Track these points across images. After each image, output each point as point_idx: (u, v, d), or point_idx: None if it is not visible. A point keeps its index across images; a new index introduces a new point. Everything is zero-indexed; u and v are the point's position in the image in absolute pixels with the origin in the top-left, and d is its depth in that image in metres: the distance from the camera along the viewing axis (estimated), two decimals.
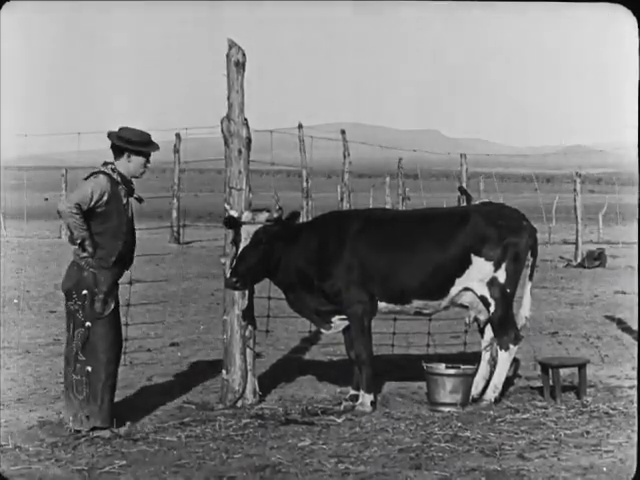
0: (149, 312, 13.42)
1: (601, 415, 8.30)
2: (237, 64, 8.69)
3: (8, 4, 7.95)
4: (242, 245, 8.44)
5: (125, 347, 8.29)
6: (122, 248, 7.83)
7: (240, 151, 8.75)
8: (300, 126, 25.11)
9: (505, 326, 8.79)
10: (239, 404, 8.72)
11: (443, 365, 8.79)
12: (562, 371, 9.04)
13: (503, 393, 8.89)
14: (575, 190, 24.79)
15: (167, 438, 7.68)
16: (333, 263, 8.61)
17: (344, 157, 24.96)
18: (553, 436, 7.66)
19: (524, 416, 8.24)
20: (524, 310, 9.02)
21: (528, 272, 9.00)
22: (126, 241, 7.87)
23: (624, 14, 7.52)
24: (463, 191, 14.36)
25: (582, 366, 9.03)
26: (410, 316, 9.07)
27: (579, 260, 22.64)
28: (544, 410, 8.44)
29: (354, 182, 27.11)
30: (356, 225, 8.74)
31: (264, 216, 8.50)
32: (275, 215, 8.49)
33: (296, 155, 25.15)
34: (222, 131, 8.75)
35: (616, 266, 21.55)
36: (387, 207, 28.84)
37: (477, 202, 9.40)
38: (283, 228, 8.54)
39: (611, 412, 8.36)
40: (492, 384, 8.79)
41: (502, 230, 8.78)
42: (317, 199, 27.45)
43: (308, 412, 8.46)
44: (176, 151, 27.91)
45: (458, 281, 8.72)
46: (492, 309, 8.75)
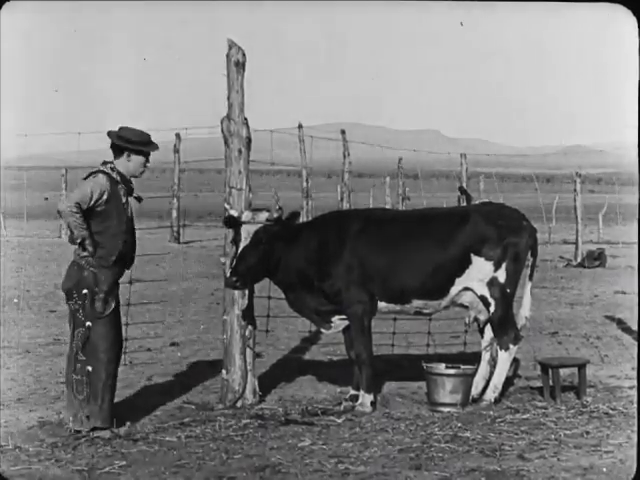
0: (149, 312, 13.42)
1: (601, 415, 8.30)
2: (237, 64, 8.69)
3: (8, 4, 7.95)
4: (242, 245, 8.43)
5: (125, 347, 8.29)
6: (122, 247, 7.83)
7: (240, 151, 8.75)
8: (300, 126, 25.11)
9: (505, 326, 8.78)
10: (239, 404, 8.72)
11: (443, 365, 8.79)
12: (562, 371, 9.04)
13: (503, 393, 8.89)
14: (575, 190, 24.79)
15: (167, 438, 7.68)
16: (333, 263, 8.61)
17: (344, 157, 24.95)
18: (553, 436, 7.66)
19: (524, 416, 8.24)
20: (524, 310, 9.02)
21: (528, 272, 9.00)
22: (126, 240, 7.86)
23: (624, 14, 7.53)
24: (463, 191, 14.37)
25: (582, 366, 9.03)
26: (410, 316, 9.07)
27: (579, 260, 22.63)
28: (544, 410, 8.43)
29: (354, 182, 27.10)
30: (356, 225, 8.73)
31: (264, 216, 8.50)
32: (275, 215, 8.49)
33: (296, 155, 25.15)
34: (222, 131, 8.75)
35: (616, 266, 21.54)
36: (387, 207, 28.85)
37: (477, 202, 9.40)
38: (283, 228, 8.54)
39: (611, 412, 8.35)
40: (492, 384, 8.79)
41: (502, 230, 8.78)
42: (317, 199, 27.45)
43: (308, 412, 8.46)
44: (176, 151, 27.90)
45: (458, 281, 8.72)
46: (492, 309, 8.75)
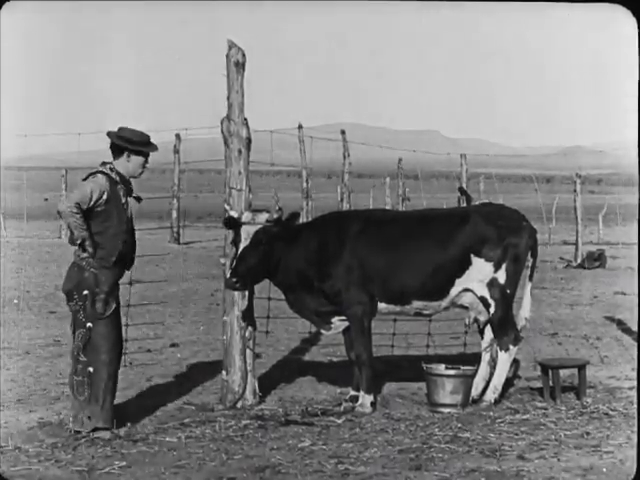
0: (149, 313, 13.41)
1: (601, 416, 8.30)
2: (237, 64, 8.69)
3: (8, 4, 7.95)
4: (242, 246, 8.43)
5: (125, 348, 8.28)
6: (122, 247, 7.83)
7: (240, 151, 8.75)
8: (300, 126, 25.11)
9: (505, 327, 8.78)
10: (239, 405, 8.72)
11: (443, 366, 8.79)
12: (562, 372, 9.04)
13: (503, 394, 8.88)
14: (575, 191, 24.80)
15: (167, 439, 7.68)
16: (333, 264, 8.60)
17: (344, 157, 24.95)
18: (553, 437, 7.66)
19: (524, 417, 8.24)
20: (524, 311, 9.02)
21: (528, 273, 9.00)
22: (126, 240, 7.86)
23: (624, 14, 7.52)
24: (463, 192, 14.36)
25: (582, 367, 9.02)
26: (410, 317, 9.07)
27: (579, 261, 22.64)
28: (544, 411, 8.43)
29: (354, 182, 27.10)
30: (356, 226, 8.73)
31: (264, 217, 8.50)
32: (275, 216, 8.49)
33: (296, 155, 25.14)
34: (222, 131, 8.75)
35: (616, 267, 21.55)
36: (387, 208, 28.84)
37: (477, 203, 9.40)
38: (283, 229, 8.53)
39: (611, 413, 8.36)
40: (492, 385, 8.79)
41: (502, 231, 8.78)
42: (317, 199, 27.45)
43: (308, 413, 8.45)
44: (176, 151, 27.90)
45: (458, 282, 8.72)
46: (492, 310, 8.74)
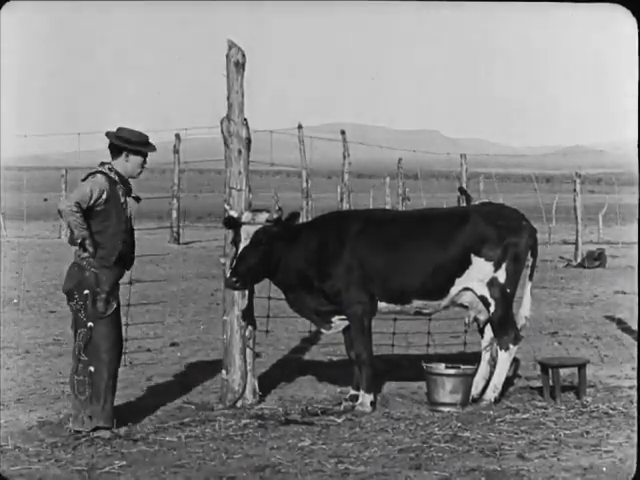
0: (149, 312, 13.41)
1: (601, 415, 8.30)
2: (237, 64, 8.69)
3: (8, 4, 7.96)
4: (242, 245, 8.44)
5: (125, 347, 8.28)
6: (122, 247, 7.83)
7: (240, 151, 8.75)
8: (300, 126, 25.11)
9: (505, 326, 8.78)
10: (239, 404, 8.72)
11: (443, 365, 8.79)
12: (562, 371, 9.04)
13: (503, 393, 8.89)
14: (575, 190, 24.80)
15: (167, 438, 7.68)
16: (333, 263, 8.61)
17: (344, 157, 24.95)
18: (553, 436, 7.66)
19: (524, 416, 8.24)
20: (524, 310, 9.02)
21: (528, 272, 9.00)
22: (125, 240, 7.86)
23: (624, 14, 7.53)
24: (463, 191, 14.38)
25: (582, 366, 9.03)
26: (410, 316, 9.07)
27: (579, 260, 22.63)
28: (544, 410, 8.43)
29: (354, 182, 27.10)
30: (356, 226, 8.73)
31: (264, 216, 8.50)
32: (275, 215, 8.49)
33: (296, 155, 25.14)
34: (222, 131, 8.75)
35: (616, 266, 21.55)
36: (387, 207, 28.85)
37: (477, 202, 9.40)
38: (283, 228, 8.54)
39: (611, 412, 8.35)
40: (492, 384, 8.79)
41: (502, 230, 8.78)
42: (317, 199, 27.46)
43: (308, 412, 8.46)
44: (176, 151, 27.89)
45: (458, 281, 8.72)
46: (492, 309, 8.75)
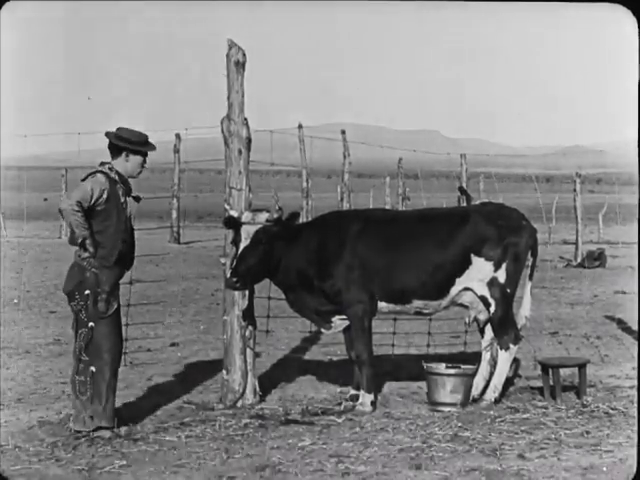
0: (149, 312, 13.41)
1: (601, 415, 8.30)
2: (237, 64, 8.69)
3: (8, 4, 7.96)
4: (242, 245, 8.44)
5: (125, 347, 8.28)
6: (122, 247, 7.83)
7: (240, 151, 8.75)
8: (300, 126, 25.11)
9: (505, 326, 8.78)
10: (239, 404, 8.72)
11: (443, 365, 8.79)
12: (562, 371, 9.04)
13: (503, 393, 8.89)
14: (575, 190, 24.81)
15: (167, 438, 7.68)
16: (333, 263, 8.61)
17: (344, 157, 24.94)
18: (553, 436, 7.66)
19: (524, 416, 8.24)
20: (524, 310, 9.02)
21: (528, 272, 9.00)
22: (125, 240, 7.86)
23: (624, 14, 7.53)
24: (463, 191, 14.37)
25: (582, 366, 9.03)
26: (410, 316, 9.07)
27: (579, 260, 22.63)
28: (544, 410, 8.43)
29: (354, 182, 27.09)
30: (356, 225, 8.73)
31: (264, 216, 8.50)
32: (275, 215, 8.49)
33: (296, 155, 25.14)
34: (222, 131, 8.75)
35: (616, 266, 21.54)
36: (387, 207, 28.85)
37: (477, 202, 9.40)
38: (283, 228, 8.54)
39: (611, 412, 8.36)
40: (492, 384, 8.79)
41: (502, 230, 8.78)
42: (317, 199, 27.45)
43: (308, 412, 8.45)
44: (176, 151, 27.90)
45: (458, 281, 8.72)
46: (492, 309, 8.75)
